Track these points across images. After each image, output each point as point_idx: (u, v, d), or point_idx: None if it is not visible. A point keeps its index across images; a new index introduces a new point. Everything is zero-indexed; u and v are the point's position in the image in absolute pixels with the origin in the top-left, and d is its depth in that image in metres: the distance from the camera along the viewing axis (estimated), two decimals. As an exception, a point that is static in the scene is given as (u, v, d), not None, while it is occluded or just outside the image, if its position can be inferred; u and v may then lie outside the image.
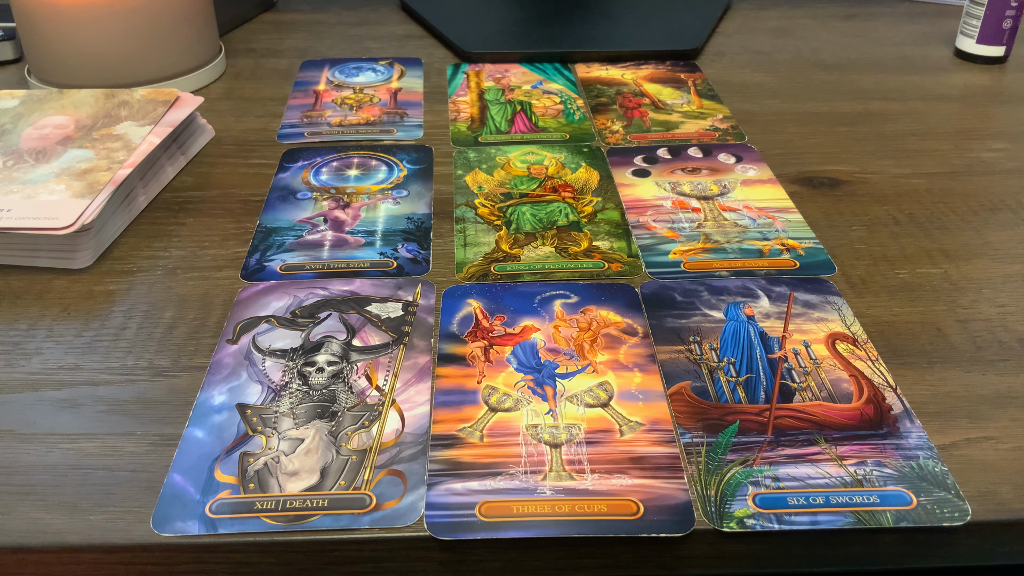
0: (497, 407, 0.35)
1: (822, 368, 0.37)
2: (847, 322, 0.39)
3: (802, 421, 0.34)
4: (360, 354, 0.38)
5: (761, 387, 0.36)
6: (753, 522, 0.30)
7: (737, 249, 0.44)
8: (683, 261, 0.43)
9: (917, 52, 0.70)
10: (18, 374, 0.37)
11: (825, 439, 0.33)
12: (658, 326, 0.39)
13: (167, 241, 0.46)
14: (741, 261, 0.43)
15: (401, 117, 0.59)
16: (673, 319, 0.40)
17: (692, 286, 0.42)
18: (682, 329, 0.39)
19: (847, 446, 0.33)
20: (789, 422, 0.34)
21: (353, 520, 0.30)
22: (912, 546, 0.31)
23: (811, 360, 0.37)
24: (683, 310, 0.40)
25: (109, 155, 0.47)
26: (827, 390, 0.36)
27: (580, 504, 0.31)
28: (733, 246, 0.45)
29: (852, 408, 0.35)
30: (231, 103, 0.61)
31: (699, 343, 0.38)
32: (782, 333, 0.39)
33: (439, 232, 0.46)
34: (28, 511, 0.31)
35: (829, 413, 0.34)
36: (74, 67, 0.58)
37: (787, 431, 0.34)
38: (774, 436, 0.33)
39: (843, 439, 0.33)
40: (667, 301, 0.41)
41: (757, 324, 0.39)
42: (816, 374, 0.36)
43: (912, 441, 0.33)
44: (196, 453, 0.33)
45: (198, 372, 0.37)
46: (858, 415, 0.34)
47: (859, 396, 0.35)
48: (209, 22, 0.64)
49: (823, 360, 0.37)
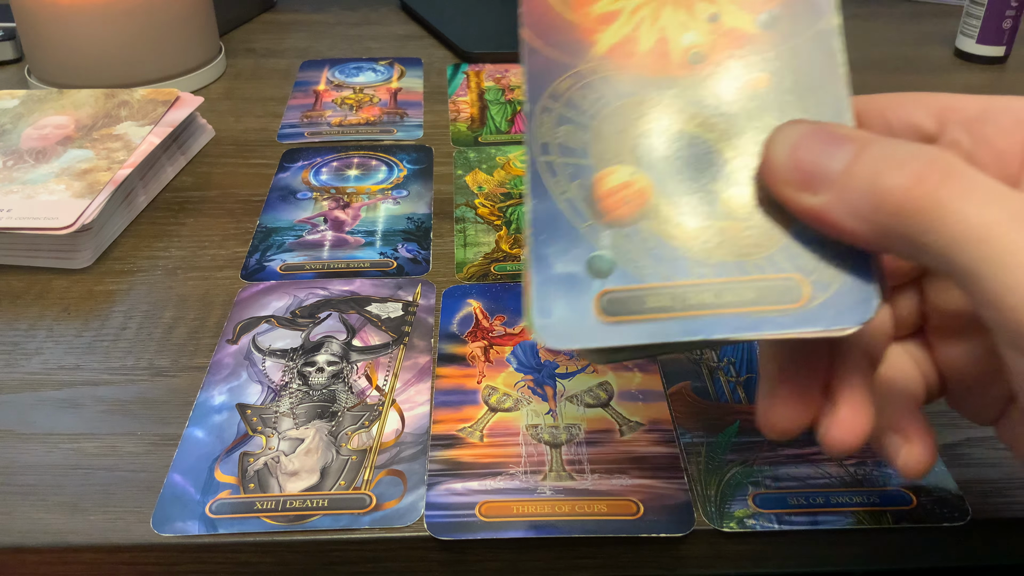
0: (497, 407, 0.35)
1: (822, 368, 0.37)
2: (847, 322, 0.39)
3: (802, 421, 0.34)
4: (360, 354, 0.38)
5: (761, 387, 0.36)
6: (753, 522, 0.30)
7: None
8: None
9: (917, 52, 0.70)
10: (18, 374, 0.37)
11: (825, 439, 0.33)
12: (658, 326, 0.39)
13: (167, 241, 0.46)
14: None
15: (401, 117, 0.59)
16: (673, 319, 0.39)
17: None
18: (682, 329, 0.39)
19: (847, 446, 0.33)
20: (789, 422, 0.34)
21: (353, 520, 0.30)
22: (912, 547, 0.31)
23: (811, 360, 0.37)
24: (683, 310, 0.40)
25: (109, 155, 0.47)
26: (827, 390, 0.35)
27: (580, 504, 0.31)
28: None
29: (852, 408, 0.35)
30: (231, 103, 0.61)
31: (699, 343, 0.38)
32: (782, 333, 0.39)
33: (439, 232, 0.46)
34: (28, 511, 0.31)
35: (829, 413, 0.34)
36: (74, 67, 0.58)
37: (787, 431, 0.34)
38: (774, 436, 0.33)
39: (843, 439, 0.33)
40: (667, 301, 0.41)
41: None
42: (816, 374, 0.36)
43: (912, 441, 0.33)
44: (196, 453, 0.33)
45: (198, 372, 0.37)
46: (858, 415, 0.34)
47: (859, 396, 0.35)
48: (209, 22, 0.64)
49: (823, 360, 0.37)
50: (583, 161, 0.24)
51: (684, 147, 0.23)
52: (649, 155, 0.23)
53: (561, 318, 0.23)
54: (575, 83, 0.24)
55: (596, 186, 0.23)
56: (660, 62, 0.24)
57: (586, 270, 0.23)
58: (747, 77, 0.23)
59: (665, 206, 0.23)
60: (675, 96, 0.24)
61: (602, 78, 0.24)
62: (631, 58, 0.24)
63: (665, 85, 0.24)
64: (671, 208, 0.23)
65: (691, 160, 0.23)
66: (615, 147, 0.24)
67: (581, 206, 0.23)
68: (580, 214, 0.23)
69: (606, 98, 0.24)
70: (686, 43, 0.24)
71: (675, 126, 0.24)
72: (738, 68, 0.23)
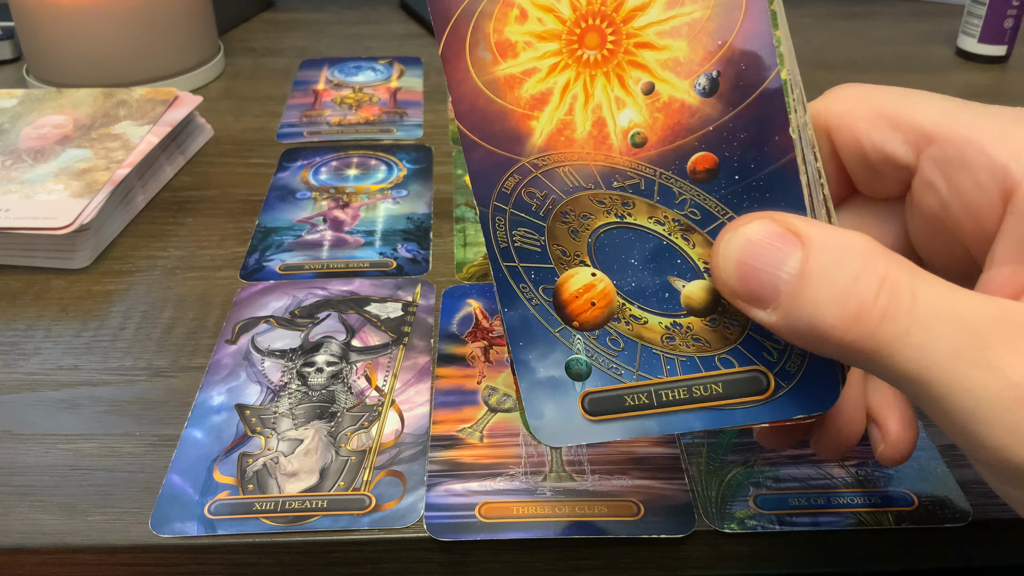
0: (497, 407, 0.35)
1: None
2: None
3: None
4: (359, 354, 0.37)
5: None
6: (754, 523, 0.30)
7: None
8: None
9: (918, 51, 0.70)
10: (16, 374, 0.37)
11: (826, 440, 0.33)
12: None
13: (166, 241, 0.46)
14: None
15: (401, 116, 0.58)
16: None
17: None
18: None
19: (848, 447, 0.33)
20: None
21: (352, 521, 0.30)
22: (913, 547, 0.31)
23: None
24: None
25: (108, 155, 0.47)
26: (828, 390, 0.35)
27: (580, 505, 0.31)
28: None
29: (853, 408, 0.35)
30: (230, 102, 0.61)
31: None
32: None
33: (439, 232, 0.46)
34: (27, 512, 0.30)
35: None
36: (73, 66, 0.58)
37: (788, 431, 0.34)
38: (775, 436, 0.33)
39: (844, 439, 0.33)
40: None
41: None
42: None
43: (913, 441, 0.33)
44: (195, 454, 0.33)
45: (197, 372, 0.37)
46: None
47: (860, 396, 0.35)
48: (208, 21, 0.64)
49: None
50: (543, 265, 0.24)
51: (639, 243, 0.23)
52: (605, 254, 0.24)
53: (552, 419, 0.25)
54: (521, 180, 0.24)
55: (560, 291, 0.24)
56: (601, 148, 0.23)
57: (566, 374, 0.24)
58: (692, 159, 0.22)
59: (629, 305, 0.24)
60: (622, 189, 0.23)
61: (546, 171, 0.23)
62: (571, 146, 0.23)
63: (610, 176, 0.23)
64: (634, 307, 0.24)
65: (648, 256, 0.23)
66: (571, 247, 0.24)
67: (550, 311, 0.24)
68: (551, 319, 0.24)
69: (553, 194, 0.23)
70: (624, 123, 0.22)
71: (627, 220, 0.23)
72: (683, 151, 0.22)
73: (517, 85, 0.23)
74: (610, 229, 0.23)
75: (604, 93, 0.22)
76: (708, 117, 0.22)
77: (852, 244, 0.20)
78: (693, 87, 0.21)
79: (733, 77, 0.21)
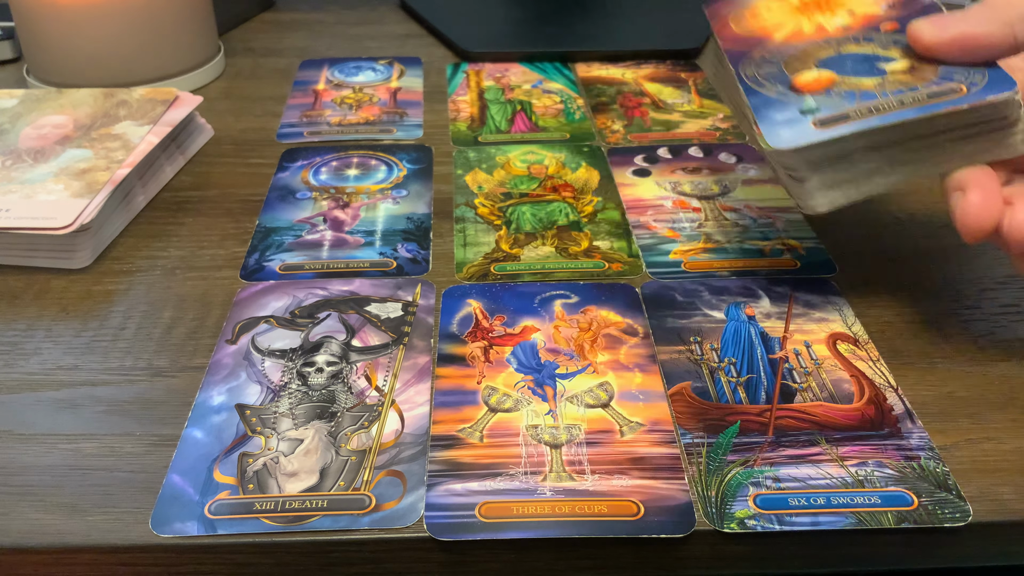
0: (497, 407, 0.35)
1: (823, 368, 0.37)
2: (848, 322, 0.39)
3: (803, 422, 0.34)
4: (359, 354, 0.37)
5: (762, 387, 0.36)
6: (754, 523, 0.30)
7: (738, 249, 0.44)
8: (684, 261, 0.43)
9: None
10: (16, 374, 0.37)
11: (826, 440, 0.33)
12: (658, 326, 0.39)
13: (166, 241, 0.46)
14: (742, 261, 0.43)
15: (401, 117, 0.58)
16: (674, 319, 0.39)
17: (693, 286, 0.42)
18: (683, 329, 0.39)
19: (848, 447, 0.33)
20: (790, 423, 0.34)
21: (352, 521, 0.30)
22: (913, 547, 0.31)
23: (812, 360, 0.37)
24: (684, 310, 0.40)
25: (108, 155, 0.47)
26: (828, 390, 0.35)
27: (580, 505, 0.31)
28: (734, 246, 0.45)
29: (853, 408, 0.35)
30: (230, 103, 0.61)
31: (700, 343, 0.38)
32: (783, 333, 0.39)
33: (439, 232, 0.46)
34: (27, 512, 0.30)
35: (830, 413, 0.34)
36: (73, 66, 0.58)
37: (788, 431, 0.34)
38: (775, 437, 0.33)
39: (844, 440, 0.33)
40: (668, 301, 0.41)
41: (758, 324, 0.39)
42: (817, 374, 0.36)
43: (913, 442, 0.33)
44: (195, 454, 0.33)
45: (197, 372, 0.37)
46: (859, 416, 0.34)
47: (860, 396, 0.35)
48: (208, 21, 0.64)
49: (824, 360, 0.37)
50: (782, 75, 0.38)
51: (850, 56, 0.37)
52: (828, 64, 0.37)
53: (785, 127, 0.35)
54: (764, 52, 0.40)
55: (794, 81, 0.37)
56: (820, 33, 0.39)
57: (799, 113, 0.35)
58: (881, 25, 0.39)
59: (847, 80, 0.36)
60: (834, 42, 0.39)
61: (783, 45, 0.40)
62: (800, 37, 0.40)
63: (825, 42, 0.39)
64: (852, 80, 0.36)
65: (858, 60, 0.37)
66: (803, 66, 0.38)
67: (786, 92, 0.37)
68: (787, 95, 0.37)
69: (789, 51, 0.39)
70: (836, 23, 0.40)
71: (842, 50, 0.38)
72: (874, 22, 0.39)
73: (760, 21, 0.42)
74: (830, 56, 0.38)
75: (819, 19, 0.40)
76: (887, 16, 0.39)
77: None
78: (880, 6, 0.40)
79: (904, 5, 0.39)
